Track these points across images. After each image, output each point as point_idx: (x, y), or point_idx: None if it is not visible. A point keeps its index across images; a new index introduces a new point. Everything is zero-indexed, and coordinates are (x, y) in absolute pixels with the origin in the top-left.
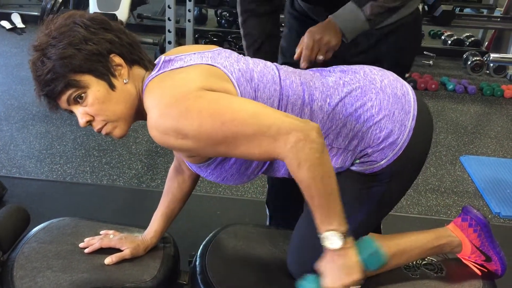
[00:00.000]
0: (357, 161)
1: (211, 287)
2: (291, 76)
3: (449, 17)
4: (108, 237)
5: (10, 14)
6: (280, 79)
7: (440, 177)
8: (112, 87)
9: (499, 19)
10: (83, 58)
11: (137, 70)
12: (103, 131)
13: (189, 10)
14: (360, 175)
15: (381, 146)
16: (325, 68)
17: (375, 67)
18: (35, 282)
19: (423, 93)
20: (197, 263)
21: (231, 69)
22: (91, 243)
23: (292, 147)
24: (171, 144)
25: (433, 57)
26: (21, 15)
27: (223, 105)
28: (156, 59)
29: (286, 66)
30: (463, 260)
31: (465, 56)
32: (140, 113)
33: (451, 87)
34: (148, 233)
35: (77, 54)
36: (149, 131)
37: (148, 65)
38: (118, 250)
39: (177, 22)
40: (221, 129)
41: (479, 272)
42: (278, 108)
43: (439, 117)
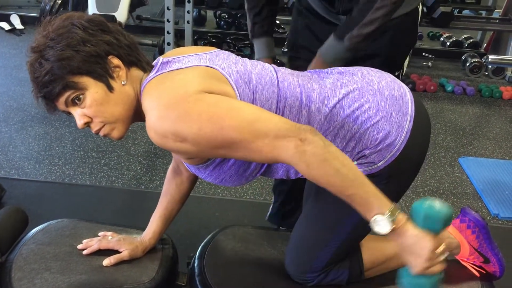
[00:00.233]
0: (355, 162)
1: None
2: (289, 77)
3: (448, 18)
4: (107, 238)
5: (9, 15)
6: (278, 81)
7: (438, 179)
8: (110, 88)
9: (497, 21)
10: (81, 60)
11: (135, 72)
12: (101, 133)
13: (188, 12)
14: None
15: (379, 148)
16: (322, 70)
17: (372, 68)
18: (33, 283)
19: (422, 94)
20: (195, 264)
21: (229, 71)
22: (89, 244)
23: (294, 153)
24: (170, 146)
25: (431, 58)
26: (20, 16)
27: (223, 108)
28: (155, 60)
29: (284, 67)
30: (461, 261)
31: (463, 57)
32: (138, 114)
33: (449, 88)
34: (146, 234)
35: (75, 56)
36: (147, 132)
37: (146, 67)
38: (117, 252)
39: (176, 23)
40: (220, 134)
41: (477, 274)
42: (276, 110)
43: (437, 118)
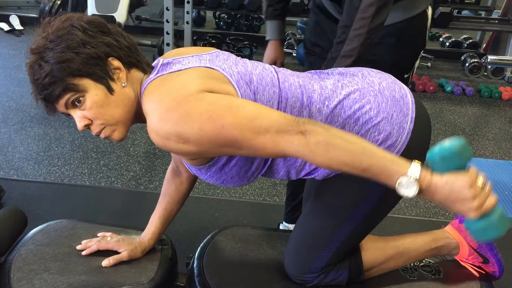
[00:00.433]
0: None
1: None
2: (290, 78)
3: (447, 19)
4: (106, 239)
5: (8, 16)
6: (279, 82)
7: None
8: (111, 90)
9: (497, 21)
10: (81, 62)
11: (136, 73)
12: (102, 135)
13: (187, 12)
14: (359, 177)
15: None
16: (323, 71)
17: (373, 69)
18: (32, 284)
19: (421, 95)
20: (194, 265)
21: (230, 71)
22: (88, 245)
23: (298, 145)
24: (172, 147)
25: (431, 59)
26: (19, 17)
27: (222, 107)
28: (154, 61)
29: (284, 68)
30: (460, 262)
31: (463, 58)
32: (138, 116)
33: (449, 89)
34: (145, 235)
35: (75, 58)
36: (149, 134)
37: (146, 68)
38: (116, 252)
39: (175, 24)
40: (222, 133)
41: (476, 274)
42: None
43: (437, 119)
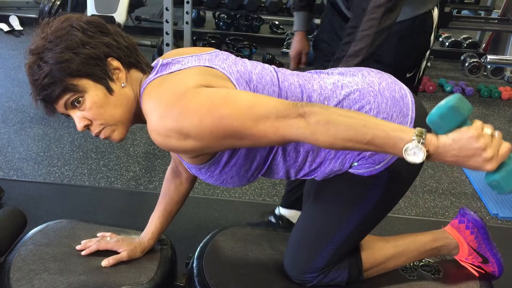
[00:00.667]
0: (355, 163)
1: None
2: (289, 78)
3: (447, 19)
4: (105, 239)
5: (8, 17)
6: (278, 81)
7: (437, 179)
8: (110, 91)
9: (496, 21)
10: (81, 62)
11: (135, 74)
12: (102, 135)
13: (187, 12)
14: (358, 177)
15: None
16: (323, 71)
17: (373, 69)
18: (31, 284)
19: (421, 94)
20: (194, 265)
21: (229, 70)
22: (88, 245)
23: (298, 128)
24: (173, 145)
25: (431, 59)
26: (19, 17)
27: (221, 98)
28: (154, 61)
29: (284, 68)
30: (460, 262)
31: (462, 57)
32: (138, 116)
33: (448, 88)
34: (145, 235)
35: (74, 58)
36: (150, 134)
37: (145, 69)
38: (115, 253)
39: (175, 24)
40: (221, 124)
41: (476, 274)
42: None
43: None
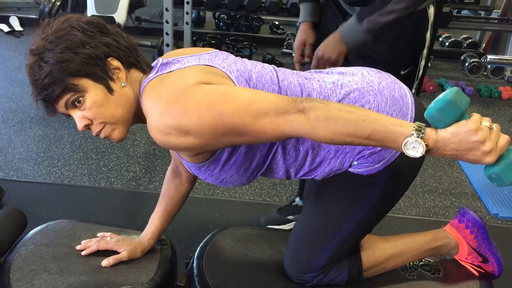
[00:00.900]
0: (355, 162)
1: None
2: (289, 77)
3: (447, 19)
4: (105, 239)
5: (8, 17)
6: (278, 80)
7: (437, 179)
8: (110, 90)
9: (496, 21)
10: (81, 62)
11: (135, 73)
12: (102, 134)
13: (187, 13)
14: (358, 176)
15: (379, 148)
16: (323, 70)
17: (372, 69)
18: (32, 284)
19: (421, 94)
20: (194, 265)
21: (229, 69)
22: (88, 245)
23: (298, 123)
24: (173, 143)
25: (431, 58)
26: (19, 18)
27: (220, 94)
28: (154, 61)
29: (284, 68)
30: (460, 261)
31: (462, 57)
32: (138, 116)
33: (449, 88)
34: (145, 235)
35: (74, 58)
36: (150, 132)
37: (145, 68)
38: (115, 253)
39: (175, 24)
40: (221, 120)
41: (476, 273)
42: None
43: None
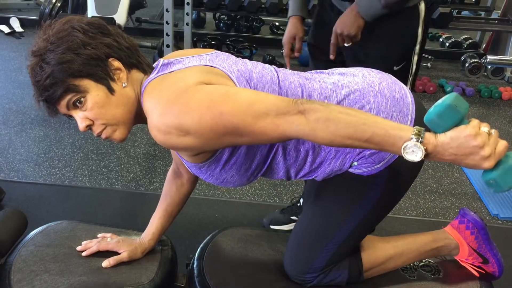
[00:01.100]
0: (355, 163)
1: None
2: (290, 77)
3: (447, 19)
4: (106, 240)
5: (8, 18)
6: (279, 80)
7: (438, 179)
8: (111, 91)
9: (496, 22)
10: (82, 63)
11: (136, 74)
12: (103, 135)
13: (187, 14)
14: (359, 177)
15: None
16: (323, 71)
17: (373, 69)
18: (32, 285)
19: (421, 95)
20: (194, 265)
21: (230, 69)
22: (88, 246)
23: (298, 125)
24: (174, 142)
25: (431, 59)
26: (19, 19)
27: (221, 95)
28: (155, 62)
29: (284, 68)
30: (460, 262)
31: (463, 58)
32: (139, 116)
33: (449, 89)
34: (145, 236)
35: (75, 59)
36: (150, 132)
37: (146, 69)
38: (116, 253)
39: (175, 25)
40: (221, 120)
41: (476, 274)
42: None
43: None
